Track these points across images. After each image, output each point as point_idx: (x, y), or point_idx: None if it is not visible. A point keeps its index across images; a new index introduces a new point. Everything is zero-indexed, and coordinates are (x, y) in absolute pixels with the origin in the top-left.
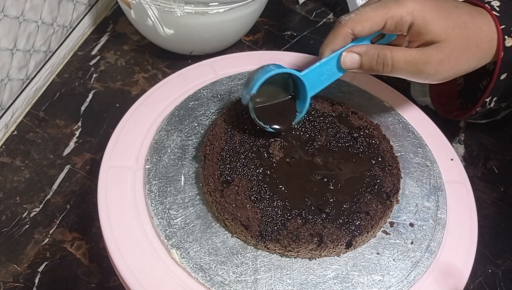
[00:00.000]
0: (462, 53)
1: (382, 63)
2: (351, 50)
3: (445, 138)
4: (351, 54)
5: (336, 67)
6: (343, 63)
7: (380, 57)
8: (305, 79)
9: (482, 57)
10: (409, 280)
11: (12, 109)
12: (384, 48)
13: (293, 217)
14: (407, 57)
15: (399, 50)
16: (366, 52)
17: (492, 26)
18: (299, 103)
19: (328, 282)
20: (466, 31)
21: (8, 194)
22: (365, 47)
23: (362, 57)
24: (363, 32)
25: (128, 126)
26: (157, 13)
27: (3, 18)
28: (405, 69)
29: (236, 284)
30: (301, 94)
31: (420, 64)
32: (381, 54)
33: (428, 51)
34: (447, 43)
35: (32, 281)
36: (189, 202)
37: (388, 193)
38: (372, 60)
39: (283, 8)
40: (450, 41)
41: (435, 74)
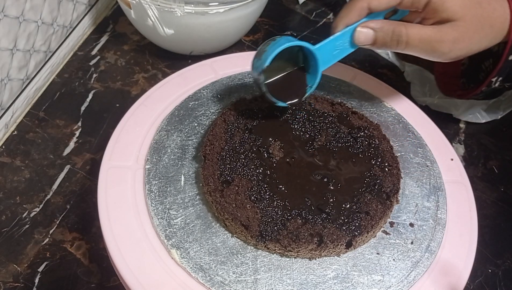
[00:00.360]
0: (476, 33)
1: (396, 39)
2: (365, 26)
3: (445, 138)
4: (365, 29)
5: (349, 42)
6: (357, 38)
7: (395, 34)
8: (317, 53)
9: (495, 37)
10: (409, 280)
11: (12, 109)
12: (399, 25)
13: (293, 217)
14: (422, 35)
15: (414, 27)
16: (381, 28)
17: (506, 8)
18: (309, 77)
19: (328, 282)
20: (481, 10)
21: (8, 194)
22: (380, 22)
23: (376, 33)
24: (380, 7)
25: (128, 126)
26: (157, 13)
27: (3, 18)
28: (419, 47)
29: (236, 284)
30: (312, 68)
31: (434, 43)
32: (396, 30)
33: (444, 29)
34: (462, 21)
35: (32, 281)
36: (189, 202)
37: (388, 193)
38: (386, 36)
39: (283, 8)
40: (465, 20)
41: (448, 53)
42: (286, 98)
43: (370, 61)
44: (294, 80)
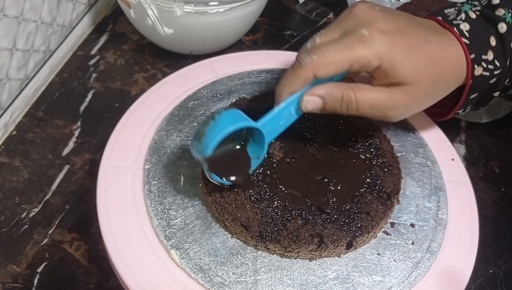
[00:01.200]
0: (430, 93)
1: (346, 106)
2: (312, 93)
3: (446, 138)
4: (313, 97)
5: (295, 110)
6: (304, 108)
7: (344, 100)
8: (263, 129)
9: (449, 90)
10: (410, 281)
11: (11, 109)
12: (348, 89)
13: (293, 217)
14: (372, 101)
15: (364, 92)
16: (329, 94)
17: (461, 58)
18: (255, 147)
19: (328, 283)
20: (436, 69)
21: (7, 194)
22: (327, 88)
23: (324, 100)
24: (326, 76)
25: (127, 126)
26: (156, 13)
27: (3, 17)
28: (370, 112)
29: (236, 285)
30: (257, 138)
31: (385, 109)
32: (345, 96)
33: (395, 94)
34: (415, 86)
35: (31, 281)
36: (188, 203)
37: (389, 194)
38: (336, 103)
39: (283, 7)
40: (418, 83)
41: (400, 117)
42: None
43: None
44: (238, 155)
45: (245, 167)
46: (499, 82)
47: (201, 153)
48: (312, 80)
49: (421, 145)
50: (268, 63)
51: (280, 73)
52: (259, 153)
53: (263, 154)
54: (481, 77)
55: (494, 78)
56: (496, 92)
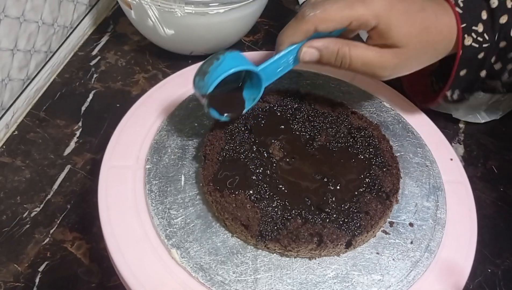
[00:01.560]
0: (418, 57)
1: (340, 60)
2: (310, 45)
3: (445, 138)
4: (311, 49)
5: (293, 59)
6: (302, 58)
7: (340, 55)
8: (261, 73)
9: (437, 57)
10: (409, 280)
11: (12, 109)
12: (344, 45)
13: (293, 217)
14: (365, 58)
15: (358, 49)
16: (326, 48)
17: (453, 27)
18: (252, 90)
19: (328, 281)
20: (427, 36)
21: (9, 194)
22: (325, 42)
23: (321, 52)
24: (327, 30)
25: (128, 126)
26: (157, 14)
27: (4, 18)
28: (361, 69)
29: (236, 284)
30: (255, 81)
31: (375, 68)
32: (341, 51)
33: (386, 55)
34: (405, 49)
35: (33, 280)
36: (189, 202)
37: (388, 193)
38: (331, 56)
39: (283, 8)
40: (409, 47)
41: (388, 77)
42: (227, 111)
43: None
44: (234, 95)
45: (240, 106)
46: (487, 58)
47: (203, 90)
48: (313, 33)
49: (420, 145)
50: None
51: None
52: (255, 95)
53: (259, 96)
54: (470, 48)
55: (482, 52)
56: (483, 70)
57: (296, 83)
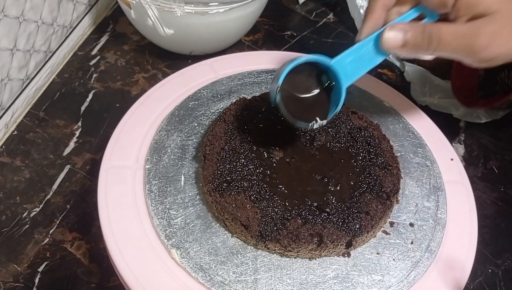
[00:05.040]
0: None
1: (429, 38)
2: (392, 28)
3: (445, 138)
4: (393, 31)
5: (375, 50)
6: (385, 42)
7: (427, 32)
8: (337, 68)
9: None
10: (409, 280)
11: (12, 109)
12: (429, 24)
13: (293, 217)
14: (455, 30)
15: (446, 25)
16: (410, 28)
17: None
18: (334, 95)
19: (328, 282)
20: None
21: (8, 194)
22: (407, 23)
23: (406, 33)
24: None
25: (128, 126)
26: (157, 13)
27: (3, 18)
28: (453, 43)
29: (236, 284)
30: (335, 84)
31: (470, 37)
32: (427, 28)
33: (479, 23)
34: (499, 14)
35: (32, 281)
36: (189, 202)
37: (388, 193)
38: (417, 36)
39: (283, 8)
40: (502, 13)
41: (486, 48)
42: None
43: None
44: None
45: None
46: None
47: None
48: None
49: (420, 145)
50: (268, 63)
51: None
52: (337, 100)
53: (341, 100)
54: None
55: None
56: None
57: None
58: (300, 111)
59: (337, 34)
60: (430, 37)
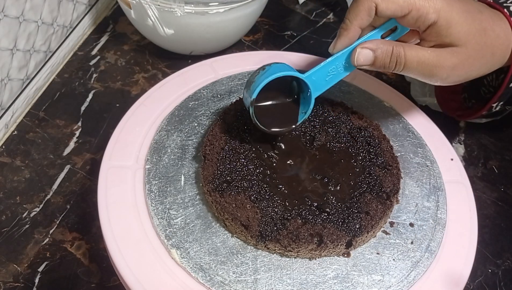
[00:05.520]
0: (477, 60)
1: (395, 60)
2: (363, 46)
3: (445, 138)
4: (365, 50)
5: (343, 65)
6: (356, 60)
7: (394, 54)
8: (308, 81)
9: (494, 65)
10: (409, 280)
11: (12, 109)
12: (398, 45)
13: (293, 217)
14: (420, 58)
15: (413, 49)
16: (380, 48)
17: (509, 34)
18: (303, 104)
19: (328, 282)
20: (485, 38)
21: (8, 194)
22: (378, 42)
23: (375, 53)
24: (385, 13)
25: (128, 126)
26: (157, 13)
27: (3, 18)
28: (417, 70)
29: (236, 284)
30: (305, 94)
31: (432, 67)
32: (395, 51)
33: (443, 54)
34: (464, 48)
35: (32, 281)
36: (189, 202)
37: (388, 193)
38: (386, 57)
39: (283, 8)
40: (467, 47)
41: (446, 79)
42: (278, 126)
43: None
44: (286, 108)
45: (292, 120)
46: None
47: (248, 98)
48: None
49: (420, 145)
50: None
51: None
52: (306, 108)
53: (310, 108)
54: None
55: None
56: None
57: None
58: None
59: None
60: (396, 60)
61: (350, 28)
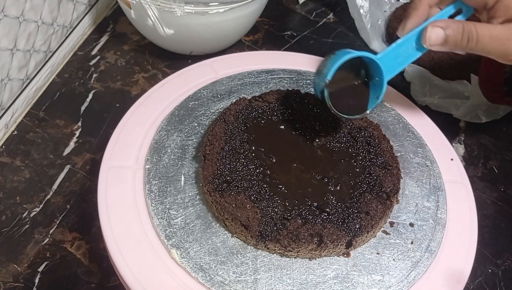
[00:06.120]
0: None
1: (467, 37)
2: (434, 25)
3: (445, 138)
4: (436, 28)
5: (415, 46)
6: (427, 39)
7: (466, 31)
8: (381, 63)
9: None
10: (409, 280)
11: (12, 109)
12: (468, 23)
13: (293, 217)
14: (492, 32)
15: (484, 25)
16: (451, 26)
17: None
18: (374, 88)
19: (328, 282)
20: None
21: (8, 194)
22: (448, 21)
23: (446, 31)
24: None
25: (128, 126)
26: (157, 13)
27: (3, 18)
28: (490, 45)
29: (236, 284)
30: (376, 78)
31: (506, 40)
32: (466, 28)
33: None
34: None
35: (32, 281)
36: (189, 202)
37: (388, 193)
38: (457, 34)
39: (283, 8)
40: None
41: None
42: (351, 110)
43: None
44: (357, 93)
45: (362, 104)
46: None
47: (323, 80)
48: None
49: (420, 145)
50: (268, 63)
51: (280, 72)
52: (378, 93)
53: (382, 93)
54: None
55: None
56: None
57: (296, 82)
58: (343, 103)
59: (337, 34)
60: (469, 37)
61: (419, 6)
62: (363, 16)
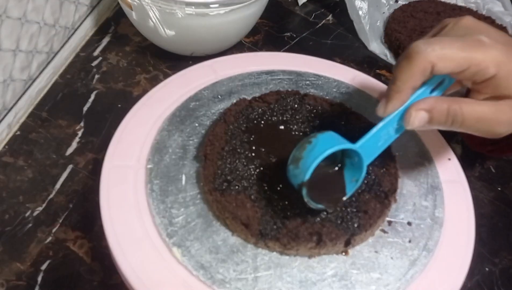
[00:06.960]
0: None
1: (452, 119)
2: (418, 108)
3: (443, 138)
4: (420, 112)
5: (396, 127)
6: (410, 123)
7: (450, 114)
8: (361, 151)
9: None
10: (407, 278)
11: (15, 110)
12: (454, 103)
13: (293, 216)
14: (479, 114)
15: (470, 105)
16: (435, 108)
17: None
18: (353, 171)
19: (327, 280)
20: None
21: (11, 193)
22: (432, 101)
23: (430, 114)
24: (442, 72)
25: (130, 126)
26: (158, 15)
27: (6, 19)
28: (475, 126)
29: (237, 282)
30: (353, 160)
31: (491, 122)
32: (451, 110)
33: (503, 108)
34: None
35: (35, 279)
36: (190, 201)
37: (386, 192)
38: (441, 117)
39: (283, 9)
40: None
41: (505, 132)
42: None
43: (369, 62)
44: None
45: (340, 192)
46: None
47: (299, 178)
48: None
49: (418, 144)
50: (268, 64)
51: (280, 73)
52: (357, 176)
53: (362, 177)
54: None
55: None
56: None
57: (295, 83)
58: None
59: (336, 35)
60: (453, 120)
61: (402, 90)
62: (361, 18)
